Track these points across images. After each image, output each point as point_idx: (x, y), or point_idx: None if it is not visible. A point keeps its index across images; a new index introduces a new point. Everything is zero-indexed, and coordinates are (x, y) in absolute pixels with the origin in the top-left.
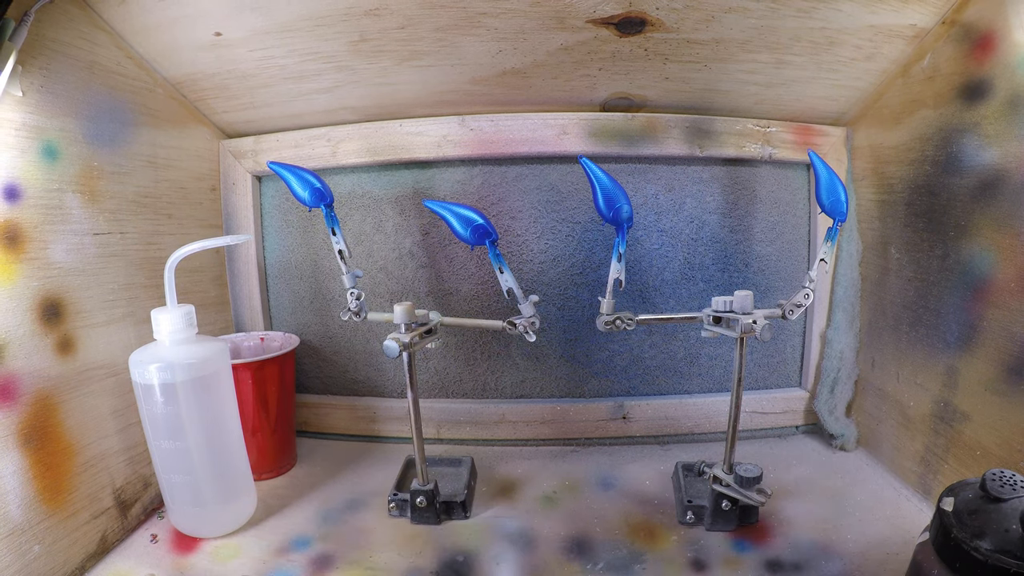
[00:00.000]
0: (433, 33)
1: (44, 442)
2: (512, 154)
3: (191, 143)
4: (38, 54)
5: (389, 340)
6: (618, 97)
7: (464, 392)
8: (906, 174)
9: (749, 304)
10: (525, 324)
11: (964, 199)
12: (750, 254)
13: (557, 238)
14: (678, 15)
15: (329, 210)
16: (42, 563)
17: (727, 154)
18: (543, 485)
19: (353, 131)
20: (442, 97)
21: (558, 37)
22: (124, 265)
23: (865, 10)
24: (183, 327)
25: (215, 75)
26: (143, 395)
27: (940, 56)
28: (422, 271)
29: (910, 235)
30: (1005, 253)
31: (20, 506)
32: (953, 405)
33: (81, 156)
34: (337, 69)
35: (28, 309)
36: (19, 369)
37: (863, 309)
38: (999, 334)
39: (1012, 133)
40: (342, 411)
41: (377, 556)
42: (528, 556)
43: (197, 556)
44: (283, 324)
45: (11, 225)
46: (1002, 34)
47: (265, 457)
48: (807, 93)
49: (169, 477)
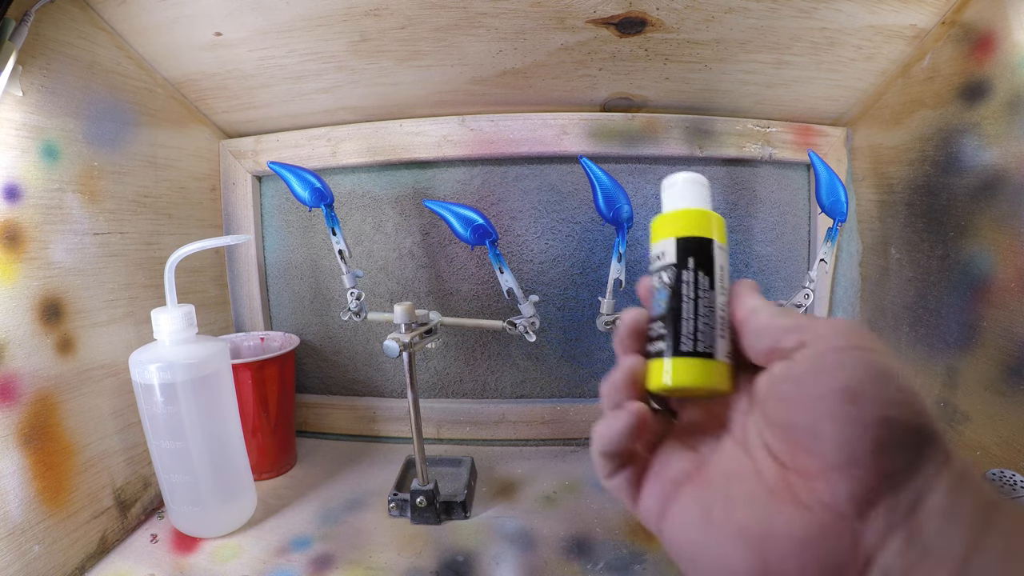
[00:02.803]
0: (433, 33)
1: (44, 442)
2: (512, 154)
3: (191, 143)
4: (38, 54)
5: (389, 340)
6: (618, 97)
7: (464, 392)
8: (906, 174)
9: None
10: (525, 324)
11: (964, 199)
12: (750, 254)
13: (557, 238)
14: (678, 15)
15: (329, 210)
16: (42, 563)
17: (727, 154)
18: (543, 485)
19: (353, 131)
20: (442, 97)
21: (558, 37)
22: (124, 265)
23: (865, 10)
24: (183, 327)
25: (215, 75)
26: (143, 395)
27: (940, 56)
28: (422, 271)
29: (910, 235)
30: (1005, 253)
31: (20, 506)
32: (953, 405)
33: (81, 156)
34: (337, 69)
35: (28, 309)
36: (19, 369)
37: (863, 309)
38: (999, 334)
39: (1012, 133)
40: (342, 411)
41: (377, 556)
42: (528, 556)
43: (197, 556)
44: (283, 324)
45: (11, 225)
46: (1002, 34)
47: (265, 457)
48: (807, 93)
49: (169, 477)
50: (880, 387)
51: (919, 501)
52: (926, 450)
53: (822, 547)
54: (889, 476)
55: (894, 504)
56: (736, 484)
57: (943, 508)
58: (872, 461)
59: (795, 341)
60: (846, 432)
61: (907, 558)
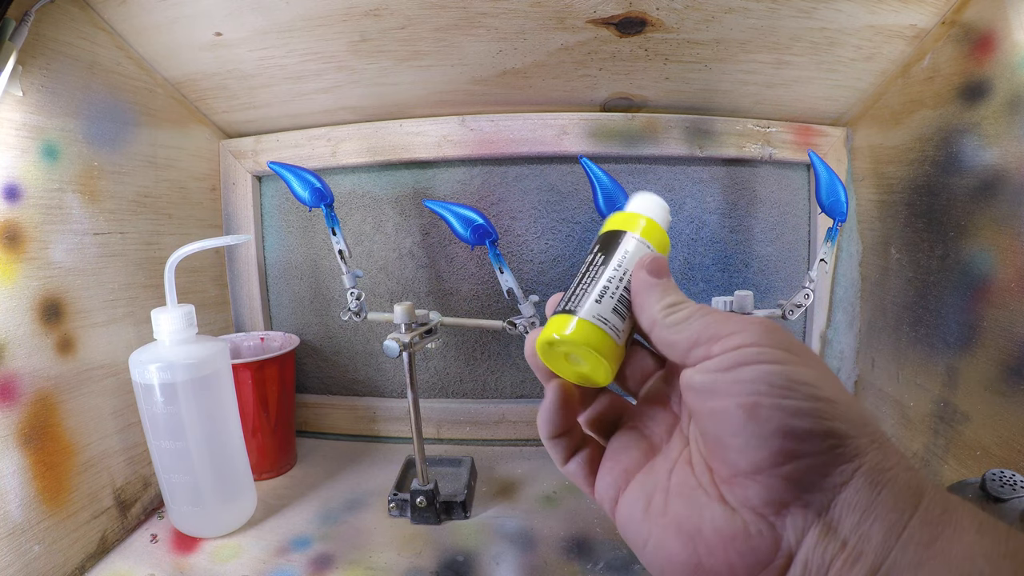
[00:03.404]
0: (433, 33)
1: (44, 442)
2: (512, 154)
3: (191, 143)
4: (39, 54)
5: (389, 340)
6: (618, 97)
7: (464, 392)
8: (906, 174)
9: (749, 304)
10: (525, 324)
11: (964, 199)
12: (750, 254)
13: (557, 238)
14: (678, 15)
15: (329, 210)
16: (42, 563)
17: (727, 154)
18: (543, 485)
19: (353, 131)
20: (442, 97)
21: (558, 37)
22: (124, 265)
23: (865, 10)
24: (183, 327)
25: (215, 75)
26: (143, 395)
27: (940, 56)
28: (422, 271)
29: (910, 235)
30: (1005, 253)
31: (20, 506)
32: (953, 405)
33: (81, 156)
34: (337, 69)
35: (28, 309)
36: (19, 369)
37: (863, 309)
38: (999, 334)
39: (1012, 133)
40: (342, 411)
41: (377, 556)
42: (528, 556)
43: (197, 556)
44: (283, 324)
45: (11, 225)
46: (1002, 34)
47: (265, 457)
48: (807, 93)
49: (169, 477)
50: (780, 398)
51: (833, 499)
52: (837, 450)
53: (745, 543)
54: (796, 480)
55: (807, 502)
56: (675, 476)
57: (858, 503)
58: (776, 470)
59: (701, 355)
60: (749, 444)
61: (826, 552)
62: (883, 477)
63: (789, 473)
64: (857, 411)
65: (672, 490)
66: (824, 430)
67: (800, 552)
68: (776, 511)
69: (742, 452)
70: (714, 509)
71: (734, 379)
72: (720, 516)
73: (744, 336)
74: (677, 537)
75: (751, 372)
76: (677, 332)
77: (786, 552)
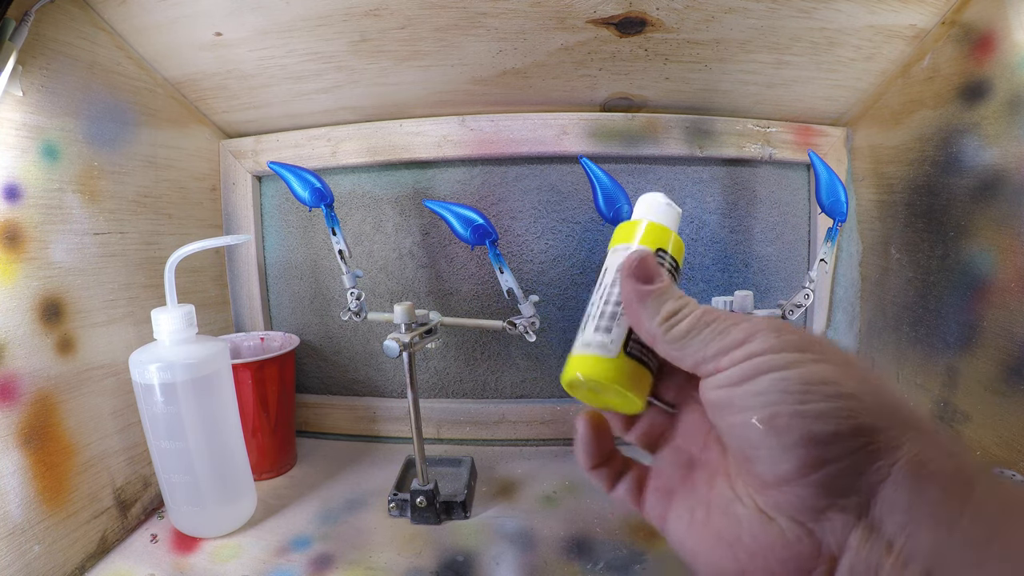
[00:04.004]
0: (433, 33)
1: (44, 442)
2: (512, 154)
3: (191, 143)
4: (38, 54)
5: (389, 340)
6: (618, 97)
7: (464, 392)
8: (906, 174)
9: (749, 304)
10: (525, 324)
11: (964, 199)
12: (750, 254)
13: (557, 238)
14: (678, 15)
15: (329, 210)
16: (42, 563)
17: (727, 154)
18: (543, 485)
19: (353, 131)
20: (442, 97)
21: (558, 37)
22: (124, 265)
23: (865, 10)
24: (183, 327)
25: (215, 75)
26: (143, 395)
27: (940, 56)
28: (422, 271)
29: (910, 235)
30: (1005, 253)
31: (20, 506)
32: (953, 405)
33: (81, 156)
34: (337, 69)
35: (28, 309)
36: (19, 369)
37: (863, 309)
38: (999, 334)
39: (1012, 133)
40: (342, 411)
41: (377, 556)
42: (528, 556)
43: (197, 556)
44: (283, 324)
45: (11, 225)
46: (1002, 34)
47: (265, 457)
48: (807, 93)
49: (169, 477)
50: (798, 404)
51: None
52: (869, 448)
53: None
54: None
55: (844, 506)
56: (713, 488)
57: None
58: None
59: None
60: (773, 456)
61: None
62: (925, 469)
63: (820, 480)
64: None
65: (712, 502)
66: (850, 429)
67: (844, 557)
68: (813, 518)
69: (768, 464)
70: (751, 518)
71: (748, 392)
72: (757, 524)
73: (752, 346)
74: (720, 548)
75: (764, 383)
76: (680, 348)
77: (828, 557)
